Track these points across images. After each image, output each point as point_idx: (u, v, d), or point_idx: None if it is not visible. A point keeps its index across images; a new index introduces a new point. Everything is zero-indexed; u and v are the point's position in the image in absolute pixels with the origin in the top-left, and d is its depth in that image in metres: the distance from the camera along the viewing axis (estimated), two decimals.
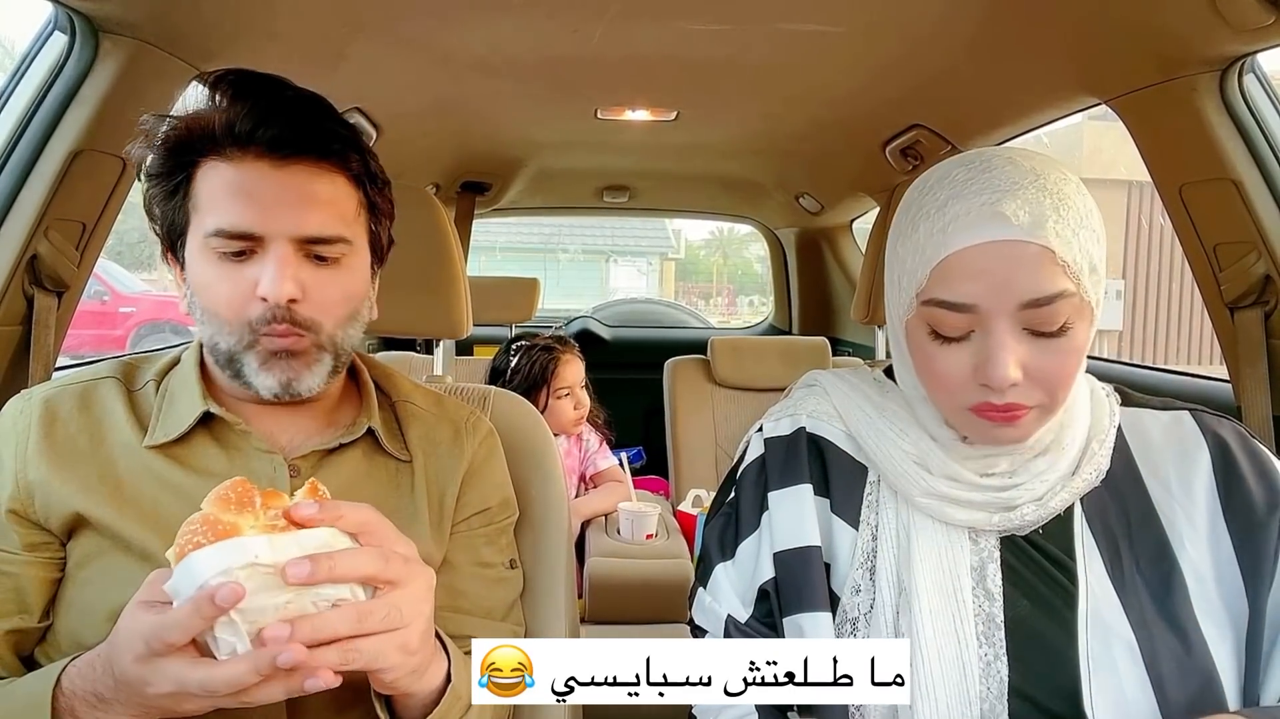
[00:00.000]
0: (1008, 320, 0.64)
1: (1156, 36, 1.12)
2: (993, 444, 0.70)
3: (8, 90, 1.14)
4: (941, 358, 0.68)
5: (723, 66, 1.56)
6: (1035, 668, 0.68)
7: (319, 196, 0.73)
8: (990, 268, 0.64)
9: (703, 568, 0.83)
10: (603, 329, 3.51)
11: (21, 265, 1.12)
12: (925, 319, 0.68)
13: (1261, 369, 1.21)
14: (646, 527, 1.85)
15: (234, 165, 0.72)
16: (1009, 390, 0.65)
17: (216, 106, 0.72)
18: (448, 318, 1.15)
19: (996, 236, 0.64)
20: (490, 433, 0.93)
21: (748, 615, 0.79)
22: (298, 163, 0.73)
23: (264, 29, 1.28)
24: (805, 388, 0.86)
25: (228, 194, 0.72)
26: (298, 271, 0.72)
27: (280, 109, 0.72)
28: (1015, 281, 0.64)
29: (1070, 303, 0.64)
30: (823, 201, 2.75)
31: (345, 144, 0.76)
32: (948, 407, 0.71)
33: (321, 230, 0.73)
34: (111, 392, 0.79)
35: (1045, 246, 0.63)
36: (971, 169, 0.67)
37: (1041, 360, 0.65)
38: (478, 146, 2.33)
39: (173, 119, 0.74)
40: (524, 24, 1.37)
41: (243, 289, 0.72)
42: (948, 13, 1.24)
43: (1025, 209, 0.64)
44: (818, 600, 0.74)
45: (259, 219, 0.71)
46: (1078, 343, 0.66)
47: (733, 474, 0.85)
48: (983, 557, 0.72)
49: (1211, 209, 1.22)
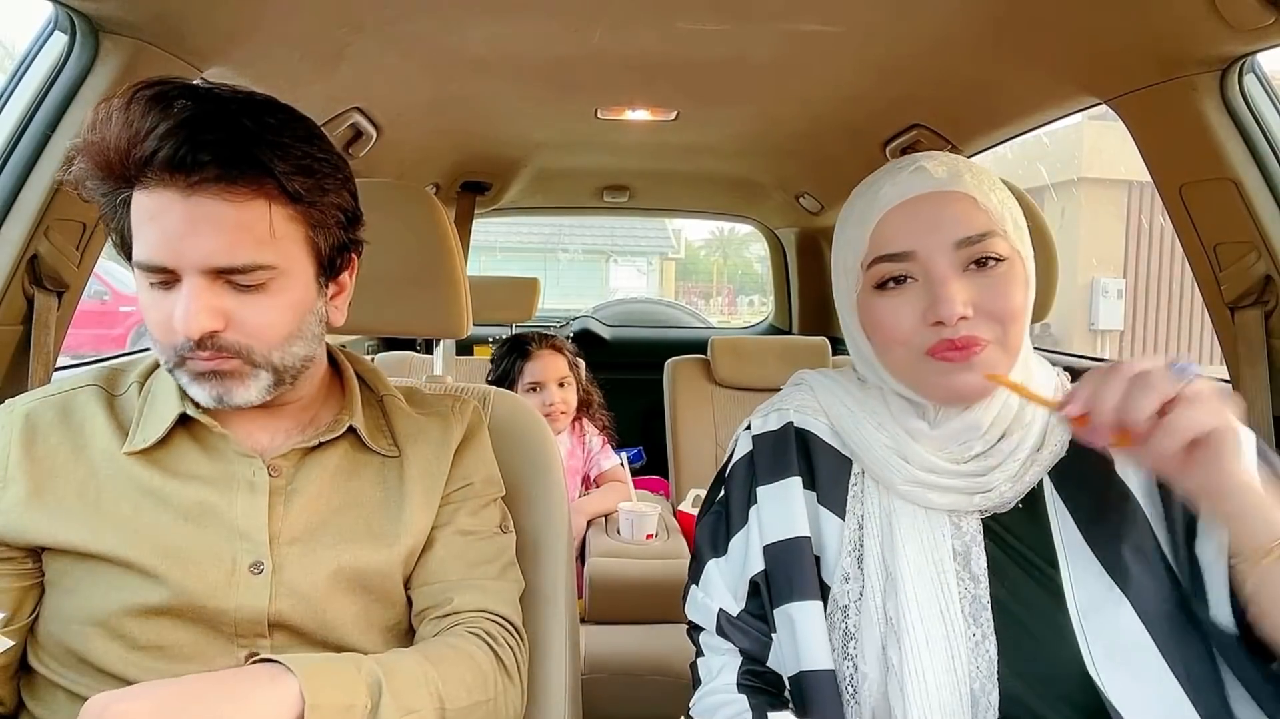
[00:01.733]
0: (944, 260, 0.70)
1: (1156, 36, 1.12)
2: (955, 396, 0.72)
3: (8, 90, 1.14)
4: (889, 309, 0.73)
5: (723, 66, 1.56)
6: (1024, 645, 0.69)
7: (225, 224, 0.67)
8: (919, 215, 0.72)
9: (695, 565, 0.85)
10: (603, 329, 3.51)
11: (22, 265, 1.12)
12: (871, 281, 0.74)
13: (1261, 369, 1.21)
14: (646, 527, 1.85)
15: (149, 194, 0.68)
16: (960, 325, 0.69)
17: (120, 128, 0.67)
18: (448, 318, 1.15)
19: (920, 190, 0.72)
20: (475, 411, 0.94)
21: (739, 609, 0.80)
22: (204, 190, 0.67)
23: (264, 29, 1.28)
24: (793, 386, 0.89)
25: (143, 224, 0.69)
26: (216, 301, 0.69)
27: (179, 127, 0.65)
28: (944, 223, 0.71)
29: (1000, 243, 0.70)
30: (823, 201, 2.75)
31: (254, 162, 0.67)
32: (905, 362, 0.73)
33: (231, 260, 0.68)
34: (92, 399, 0.79)
35: (965, 193, 0.71)
36: (900, 160, 0.76)
37: (985, 295, 0.70)
38: (478, 146, 2.32)
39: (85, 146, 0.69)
40: (524, 24, 1.37)
41: (166, 316, 0.70)
42: (948, 13, 1.24)
43: (943, 167, 0.73)
44: (808, 589, 0.75)
45: (168, 253, 0.68)
46: (1016, 279, 0.71)
47: (722, 472, 0.87)
48: (966, 540, 0.73)
49: (1211, 209, 1.22)
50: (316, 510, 0.79)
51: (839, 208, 0.80)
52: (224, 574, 0.74)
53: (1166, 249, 8.34)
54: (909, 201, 0.72)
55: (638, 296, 8.94)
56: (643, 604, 1.69)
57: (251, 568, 0.75)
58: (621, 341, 3.50)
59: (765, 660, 0.79)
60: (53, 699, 0.74)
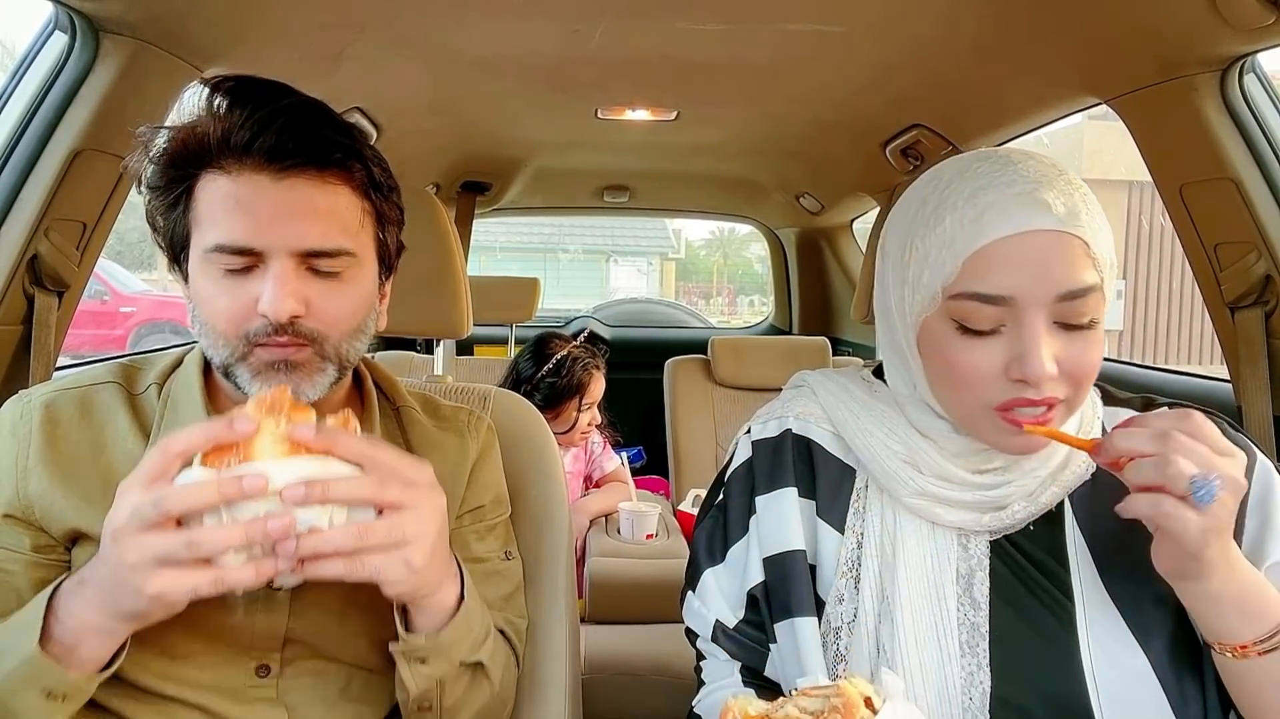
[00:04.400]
0: (1042, 313, 0.63)
1: (1157, 36, 1.12)
2: (1015, 453, 0.69)
3: (8, 90, 1.14)
4: (969, 354, 0.65)
5: (723, 66, 1.56)
6: (1024, 679, 0.67)
7: (319, 208, 0.71)
8: (1029, 258, 0.62)
9: (691, 571, 0.83)
10: (603, 329, 3.51)
11: (22, 265, 1.12)
12: (951, 314, 0.66)
13: (1262, 369, 1.21)
14: (646, 527, 1.85)
15: (232, 178, 0.69)
16: (1044, 384, 0.63)
17: (214, 115, 0.70)
18: (448, 318, 1.15)
19: (1036, 226, 0.62)
20: (490, 429, 0.93)
21: (736, 620, 0.78)
22: (297, 174, 0.70)
23: (264, 29, 1.28)
24: (794, 389, 0.85)
25: (226, 208, 0.69)
26: (300, 286, 0.70)
27: (278, 118, 0.69)
28: (1053, 273, 0.62)
29: (1098, 297, 0.64)
30: (823, 201, 2.75)
31: (347, 152, 0.73)
32: (971, 408, 0.67)
33: (322, 243, 0.71)
34: (113, 398, 0.78)
35: (1080, 238, 0.63)
36: (994, 163, 0.66)
37: (1071, 354, 0.64)
38: (478, 146, 2.33)
39: (169, 130, 0.72)
40: (524, 24, 1.37)
41: (243, 303, 0.70)
42: (948, 13, 1.24)
43: (1062, 200, 0.63)
44: (804, 605, 0.73)
45: (258, 234, 0.69)
46: (1100, 336, 0.66)
47: (721, 477, 0.85)
48: (971, 563, 0.70)
49: (1212, 209, 1.22)
50: None
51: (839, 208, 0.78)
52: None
53: (1166, 249, 8.35)
54: (1019, 238, 0.62)
55: (638, 296, 8.95)
56: (643, 604, 1.69)
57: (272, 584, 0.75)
58: (621, 341, 3.50)
59: (763, 671, 0.78)
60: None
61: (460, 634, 0.73)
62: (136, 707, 0.72)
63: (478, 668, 0.77)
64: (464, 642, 0.74)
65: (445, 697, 0.75)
